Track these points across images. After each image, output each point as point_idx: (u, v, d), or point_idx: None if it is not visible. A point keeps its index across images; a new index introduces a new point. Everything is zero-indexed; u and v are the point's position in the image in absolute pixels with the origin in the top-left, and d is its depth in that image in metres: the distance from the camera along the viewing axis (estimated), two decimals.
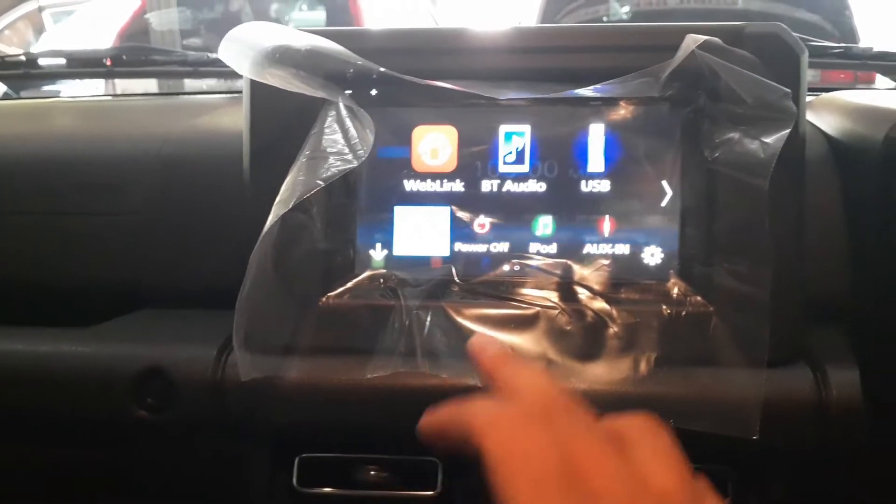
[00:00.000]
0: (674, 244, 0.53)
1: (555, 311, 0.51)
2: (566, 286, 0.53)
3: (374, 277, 0.54)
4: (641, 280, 0.53)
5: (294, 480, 0.56)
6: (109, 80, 1.04)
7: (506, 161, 0.54)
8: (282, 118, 0.53)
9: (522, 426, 0.28)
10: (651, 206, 0.53)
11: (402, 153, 0.55)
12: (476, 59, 0.53)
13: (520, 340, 0.51)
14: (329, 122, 0.51)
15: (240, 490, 0.59)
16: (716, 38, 0.49)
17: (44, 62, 0.92)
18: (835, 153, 0.57)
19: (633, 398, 0.49)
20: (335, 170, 0.48)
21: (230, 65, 0.51)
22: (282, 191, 0.48)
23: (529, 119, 0.54)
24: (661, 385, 0.50)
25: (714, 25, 0.51)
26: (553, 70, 0.53)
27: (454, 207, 0.54)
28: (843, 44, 0.90)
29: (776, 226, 0.48)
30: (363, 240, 0.55)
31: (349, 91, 0.52)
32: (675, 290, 0.52)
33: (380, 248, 0.55)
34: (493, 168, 0.54)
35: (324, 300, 0.53)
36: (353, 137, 0.50)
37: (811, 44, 0.82)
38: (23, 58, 0.91)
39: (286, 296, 0.52)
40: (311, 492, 0.56)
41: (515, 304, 0.52)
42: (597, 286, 0.52)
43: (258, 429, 0.55)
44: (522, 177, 0.54)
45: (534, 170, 0.54)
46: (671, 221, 0.53)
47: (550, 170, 0.54)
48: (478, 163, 0.54)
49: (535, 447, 0.27)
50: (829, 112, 0.61)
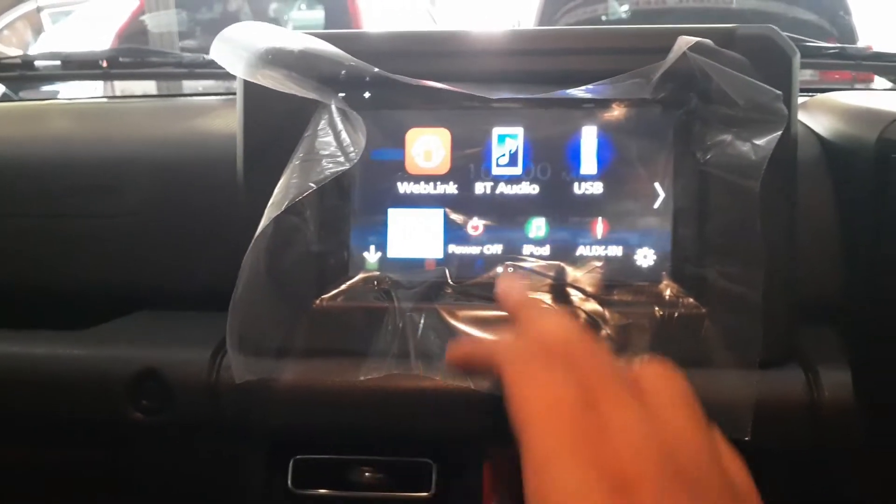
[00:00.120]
0: (666, 246, 0.53)
1: None
2: (559, 288, 0.53)
3: (368, 279, 0.54)
4: (634, 282, 0.53)
5: (289, 482, 0.56)
6: (107, 82, 1.04)
7: (499, 163, 0.54)
8: (275, 120, 0.53)
9: (543, 359, 0.29)
10: (643, 208, 0.53)
11: (396, 155, 0.55)
12: (470, 62, 0.53)
13: None
14: (322, 125, 0.51)
15: (236, 491, 0.59)
16: (707, 40, 0.49)
17: (40, 64, 0.92)
18: (828, 154, 0.57)
19: None
20: (328, 172, 0.48)
21: (223, 65, 0.51)
22: (275, 193, 0.48)
23: (522, 121, 0.54)
24: None
25: (706, 27, 0.51)
26: (546, 73, 0.53)
27: (448, 210, 0.55)
28: (841, 44, 0.90)
29: (768, 227, 0.48)
30: (357, 242, 0.55)
31: (342, 93, 0.52)
32: (668, 292, 0.52)
33: (373, 251, 0.55)
34: (487, 170, 0.54)
35: (317, 302, 0.53)
36: (346, 140, 0.50)
37: (806, 44, 0.82)
38: (19, 59, 0.92)
39: (280, 298, 0.52)
40: (307, 493, 0.56)
41: None
42: (589, 288, 0.52)
43: (253, 431, 0.55)
44: (515, 179, 0.54)
45: (527, 172, 0.54)
46: (664, 223, 0.53)
47: (543, 172, 0.54)
48: (471, 165, 0.54)
49: (553, 378, 0.28)
50: (823, 113, 0.61)
